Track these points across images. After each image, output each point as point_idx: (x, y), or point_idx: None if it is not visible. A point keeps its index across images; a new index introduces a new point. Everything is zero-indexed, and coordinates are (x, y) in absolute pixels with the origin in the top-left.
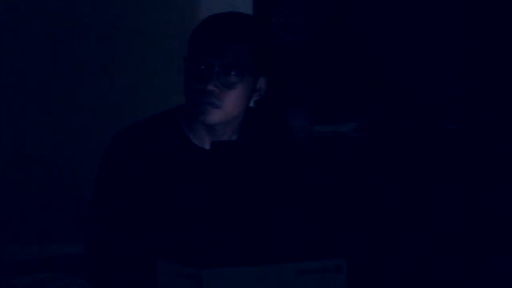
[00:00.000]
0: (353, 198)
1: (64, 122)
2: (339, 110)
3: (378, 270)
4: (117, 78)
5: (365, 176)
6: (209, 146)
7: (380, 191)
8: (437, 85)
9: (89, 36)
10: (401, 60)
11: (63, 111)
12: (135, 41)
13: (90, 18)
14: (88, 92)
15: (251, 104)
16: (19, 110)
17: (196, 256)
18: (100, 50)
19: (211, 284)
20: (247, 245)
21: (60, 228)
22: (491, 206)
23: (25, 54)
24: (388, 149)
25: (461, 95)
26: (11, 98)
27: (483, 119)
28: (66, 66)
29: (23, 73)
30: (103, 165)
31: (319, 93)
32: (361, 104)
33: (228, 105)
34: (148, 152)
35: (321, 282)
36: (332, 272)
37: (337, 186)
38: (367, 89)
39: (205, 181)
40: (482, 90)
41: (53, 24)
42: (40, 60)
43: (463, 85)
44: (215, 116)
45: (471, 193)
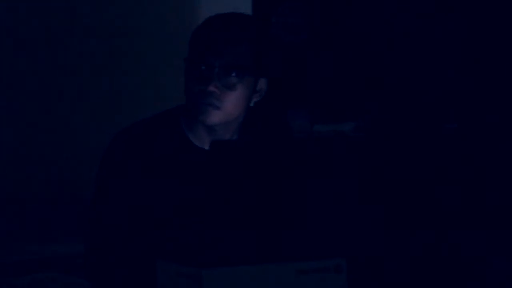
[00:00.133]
0: (353, 198)
1: (64, 122)
2: (339, 110)
3: (378, 270)
4: (117, 78)
5: (365, 176)
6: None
7: (380, 191)
8: (437, 85)
9: (89, 36)
10: (401, 60)
11: (63, 111)
12: (135, 41)
13: (90, 18)
14: (88, 92)
15: (251, 105)
16: (19, 110)
17: (196, 256)
18: (100, 50)
19: (211, 284)
20: (247, 245)
21: (60, 228)
22: (491, 206)
23: (25, 54)
24: (388, 149)
25: (461, 95)
26: (11, 98)
27: (483, 119)
28: (66, 66)
29: (23, 73)
30: (103, 165)
31: (319, 93)
32: (361, 104)
33: (228, 106)
34: (148, 152)
35: (321, 282)
36: (332, 272)
37: (337, 186)
38: (367, 89)
39: (205, 181)
40: (482, 90)
41: (53, 24)
42: (40, 60)
43: (463, 85)
44: (215, 117)
45: (471, 193)
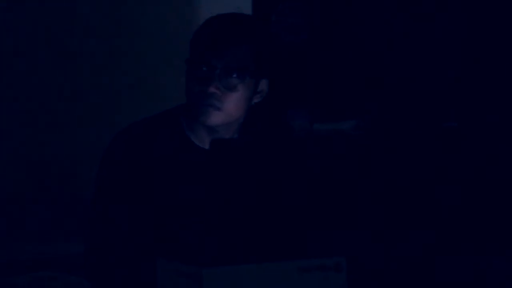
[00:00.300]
0: (353, 197)
1: (64, 122)
2: (339, 110)
3: (378, 269)
4: (117, 78)
5: (365, 175)
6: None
7: (380, 190)
8: (437, 85)
9: (89, 36)
10: (401, 59)
11: (63, 111)
12: (135, 41)
13: (90, 18)
14: (88, 92)
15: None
16: (19, 110)
17: (196, 255)
18: (100, 50)
19: (211, 283)
20: (247, 244)
21: (60, 228)
22: (491, 206)
23: (25, 54)
24: (388, 148)
25: (461, 95)
26: (11, 98)
27: (483, 119)
28: (66, 66)
29: (23, 73)
30: (103, 165)
31: (319, 93)
32: (361, 104)
33: (229, 107)
34: (148, 152)
35: (321, 280)
36: (332, 271)
37: (337, 185)
38: (367, 89)
39: (205, 180)
40: (482, 90)
41: (53, 24)
42: (40, 60)
43: (463, 85)
44: (216, 118)
45: (471, 193)
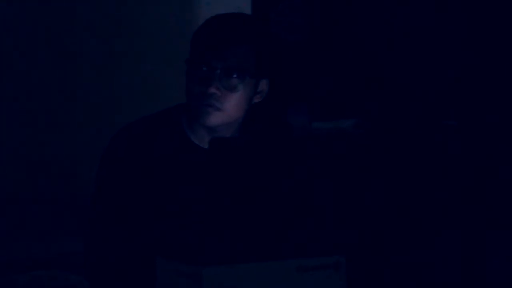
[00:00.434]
0: (353, 196)
1: (64, 122)
2: (339, 110)
3: (378, 269)
4: (117, 78)
5: (365, 175)
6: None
7: (380, 190)
8: (437, 84)
9: (89, 36)
10: (401, 59)
11: (63, 111)
12: (135, 41)
13: (90, 18)
14: (88, 92)
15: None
16: (19, 110)
17: (196, 255)
18: (100, 50)
19: (211, 282)
20: (247, 243)
21: (60, 227)
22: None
23: (25, 54)
24: (388, 147)
25: (461, 94)
26: (11, 98)
27: (483, 119)
28: (66, 66)
29: (24, 73)
30: (103, 164)
31: (319, 93)
32: (361, 104)
33: (230, 108)
34: (148, 151)
35: (321, 279)
36: (332, 270)
37: (337, 185)
38: (367, 89)
39: (205, 180)
40: (482, 89)
41: (53, 24)
42: (40, 60)
43: (463, 84)
44: (216, 119)
45: (471, 192)
